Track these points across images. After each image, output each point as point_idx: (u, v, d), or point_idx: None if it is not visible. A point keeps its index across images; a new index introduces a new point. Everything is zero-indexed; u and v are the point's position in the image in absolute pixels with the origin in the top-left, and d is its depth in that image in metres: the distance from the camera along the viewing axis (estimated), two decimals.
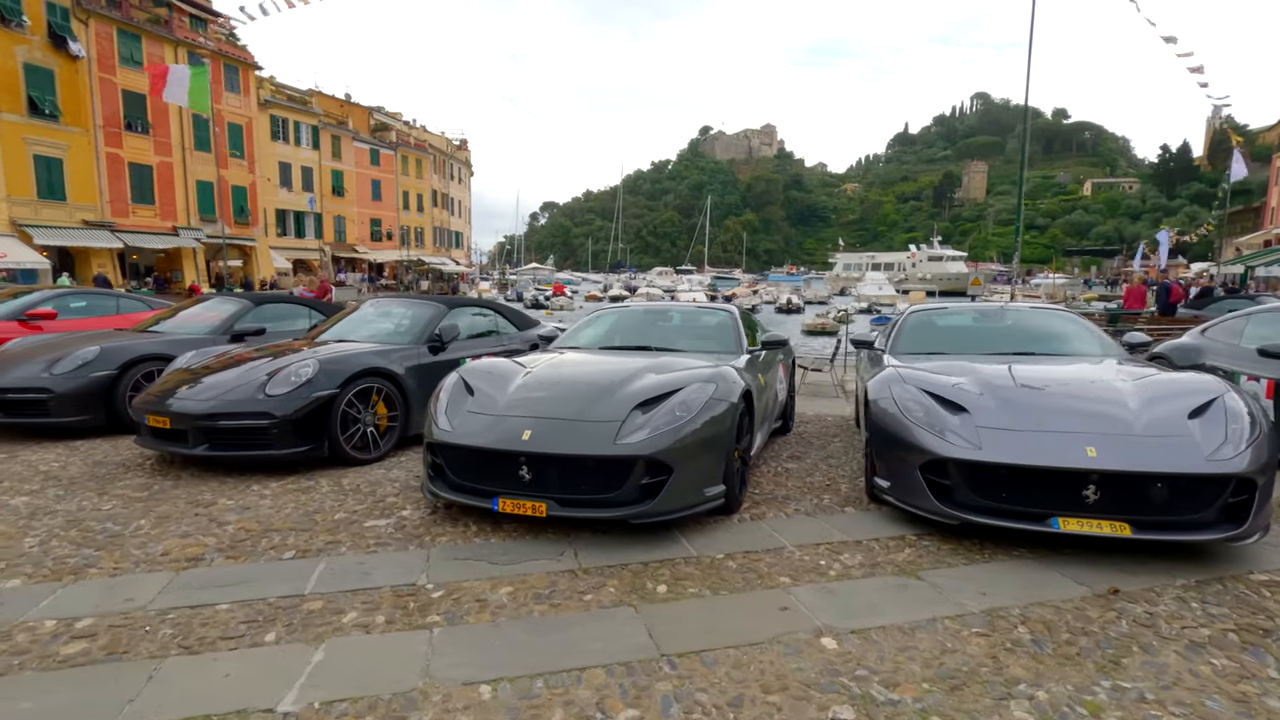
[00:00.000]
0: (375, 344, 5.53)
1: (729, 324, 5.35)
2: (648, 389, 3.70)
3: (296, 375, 4.68)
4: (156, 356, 6.02)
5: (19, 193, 25.78)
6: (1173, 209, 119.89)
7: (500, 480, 3.49)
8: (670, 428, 3.40)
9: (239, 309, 6.99)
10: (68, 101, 27.40)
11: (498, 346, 6.41)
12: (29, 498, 4.12)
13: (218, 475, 4.60)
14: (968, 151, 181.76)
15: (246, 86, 36.69)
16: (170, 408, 4.56)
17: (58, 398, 5.50)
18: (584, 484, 3.40)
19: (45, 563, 3.15)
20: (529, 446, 3.39)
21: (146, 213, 30.95)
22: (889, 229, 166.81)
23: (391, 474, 4.74)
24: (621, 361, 4.32)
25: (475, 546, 3.39)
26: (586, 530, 3.57)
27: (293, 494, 4.23)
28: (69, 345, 5.97)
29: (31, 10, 26.05)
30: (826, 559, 3.27)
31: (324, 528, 3.64)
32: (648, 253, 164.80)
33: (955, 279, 61.69)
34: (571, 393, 3.75)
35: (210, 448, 4.51)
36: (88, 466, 4.84)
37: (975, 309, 5.65)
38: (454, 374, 4.18)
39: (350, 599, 2.81)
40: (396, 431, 5.23)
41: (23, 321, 7.40)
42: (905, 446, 3.62)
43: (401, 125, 57.77)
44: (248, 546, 3.37)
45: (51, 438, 5.68)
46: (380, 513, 3.89)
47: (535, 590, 2.91)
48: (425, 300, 6.44)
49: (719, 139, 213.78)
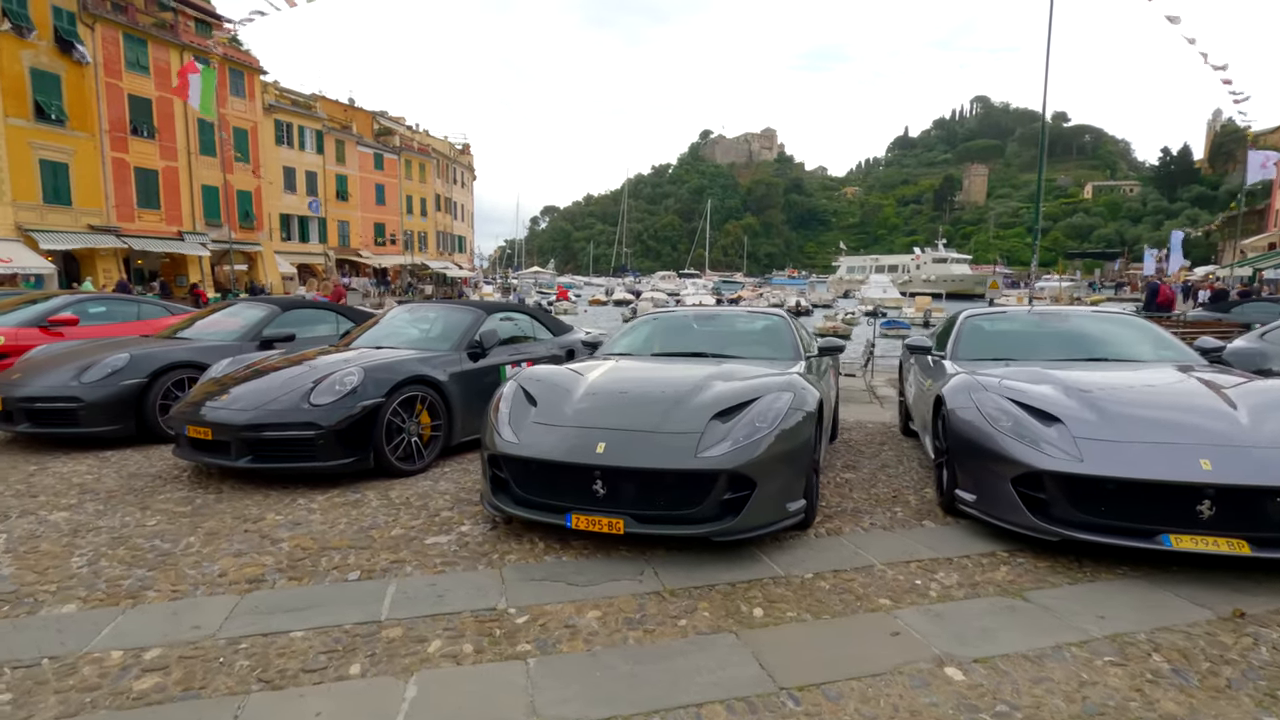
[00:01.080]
0: (415, 351, 5.37)
1: (783, 329, 5.18)
2: (722, 398, 3.53)
3: (341, 384, 4.51)
4: (187, 364, 5.85)
5: (25, 197, 25.63)
6: (1174, 212, 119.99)
7: (572, 495, 3.32)
8: (752, 440, 3.23)
9: (266, 314, 6.83)
10: (74, 106, 27.26)
11: (534, 353, 6.24)
12: (68, 513, 3.94)
13: (260, 488, 4.43)
14: (968, 155, 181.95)
15: (252, 91, 36.61)
16: (212, 418, 4.38)
17: (88, 407, 5.33)
18: (662, 499, 3.23)
19: (98, 585, 2.97)
20: (604, 460, 3.22)
21: (152, 217, 30.81)
22: (889, 232, 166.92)
23: (439, 486, 4.56)
24: (685, 369, 4.15)
25: (548, 565, 3.21)
26: (660, 547, 3.40)
27: (342, 508, 4.05)
28: (97, 352, 5.80)
29: (38, 15, 25.94)
30: (922, 578, 3.10)
31: (384, 545, 3.46)
32: (648, 256, 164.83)
33: (960, 281, 61.63)
34: (642, 402, 3.58)
35: (254, 460, 4.33)
36: (123, 479, 4.67)
37: (1037, 312, 5.48)
38: (512, 382, 4.01)
39: (430, 625, 2.63)
40: (440, 441, 5.06)
41: (44, 328, 7.23)
42: (994, 458, 3.45)
43: (405, 130, 57.73)
44: (308, 566, 3.20)
45: (80, 448, 5.51)
46: (439, 528, 3.71)
47: (624, 614, 2.74)
48: (462, 305, 6.27)
49: (719, 143, 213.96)
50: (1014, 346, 4.90)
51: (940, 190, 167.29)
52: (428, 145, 58.23)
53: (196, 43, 32.77)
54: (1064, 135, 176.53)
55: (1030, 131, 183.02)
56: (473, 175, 68.66)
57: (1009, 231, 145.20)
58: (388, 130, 54.47)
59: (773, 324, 5.28)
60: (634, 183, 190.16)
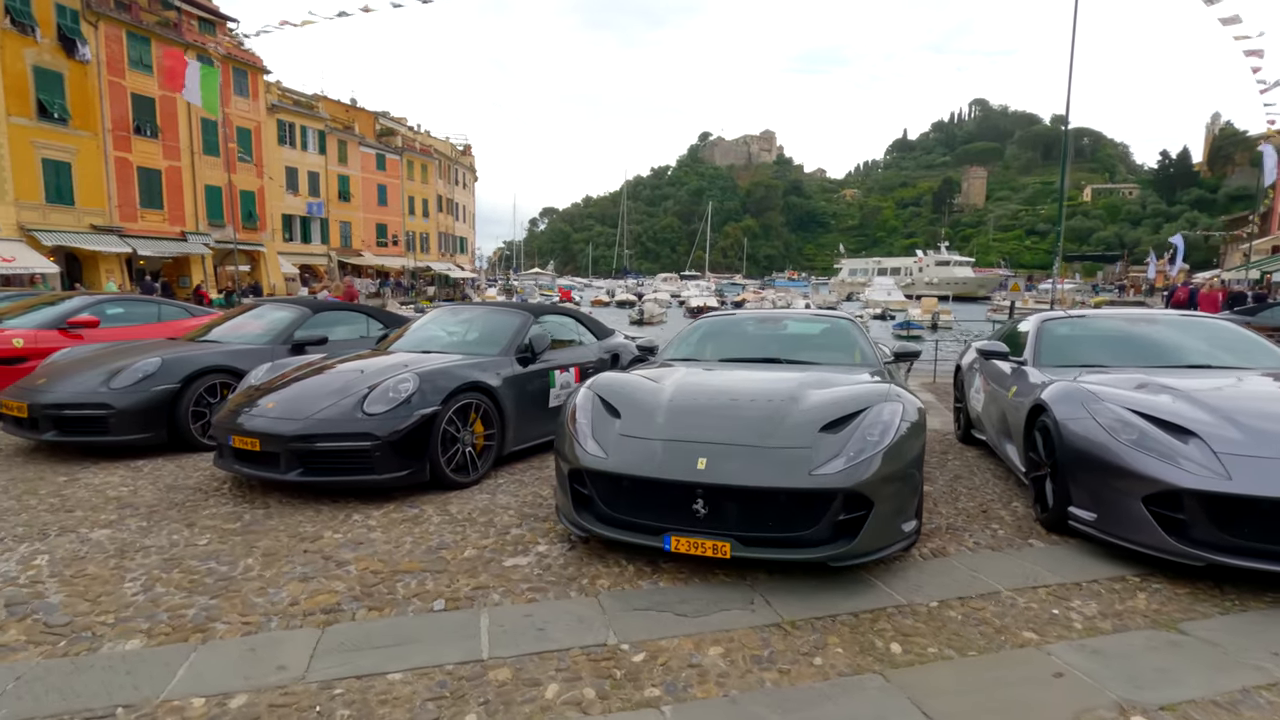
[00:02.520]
0: (463, 356, 5.09)
1: (854, 332, 4.93)
2: (825, 409, 3.27)
3: (396, 391, 4.24)
4: (220, 368, 5.57)
5: (27, 197, 25.29)
6: (1173, 215, 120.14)
7: (669, 514, 3.05)
8: (868, 455, 2.97)
9: (297, 316, 6.55)
10: (77, 105, 26.93)
11: (581, 357, 5.97)
12: (110, 530, 3.66)
13: (309, 502, 4.15)
14: (967, 157, 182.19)
15: (255, 91, 36.30)
16: (259, 428, 4.11)
17: (118, 414, 5.05)
18: (770, 520, 2.97)
19: (159, 616, 2.70)
20: (706, 477, 2.96)
21: (155, 217, 30.47)
22: (889, 234, 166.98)
23: (499, 500, 4.29)
24: (771, 376, 3.90)
25: (647, 593, 2.95)
26: (760, 571, 3.13)
27: (402, 525, 3.79)
28: (125, 356, 5.52)
29: (41, 13, 25.62)
30: (1058, 607, 2.84)
31: (460, 568, 3.19)
32: (647, 258, 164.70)
33: (963, 284, 61.51)
34: (739, 414, 3.32)
35: (304, 473, 4.06)
36: (161, 491, 4.39)
37: (1123, 316, 5.23)
38: (586, 390, 3.74)
39: (540, 665, 2.37)
40: (493, 451, 4.79)
41: (63, 330, 6.94)
42: (1118, 474, 3.19)
43: (406, 130, 57.44)
44: (384, 593, 2.93)
45: (109, 457, 5.22)
46: (514, 549, 3.45)
47: (750, 650, 2.48)
48: (508, 307, 6.00)
49: (718, 145, 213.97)
50: (1102, 352, 4.65)
51: (939, 193, 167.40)
52: (430, 146, 57.94)
53: (200, 41, 32.45)
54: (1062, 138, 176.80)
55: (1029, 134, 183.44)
56: (474, 176, 68.38)
57: (1008, 234, 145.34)
58: (390, 131, 54.16)
59: (840, 327, 5.03)
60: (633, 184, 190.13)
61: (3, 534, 3.58)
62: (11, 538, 3.53)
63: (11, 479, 4.65)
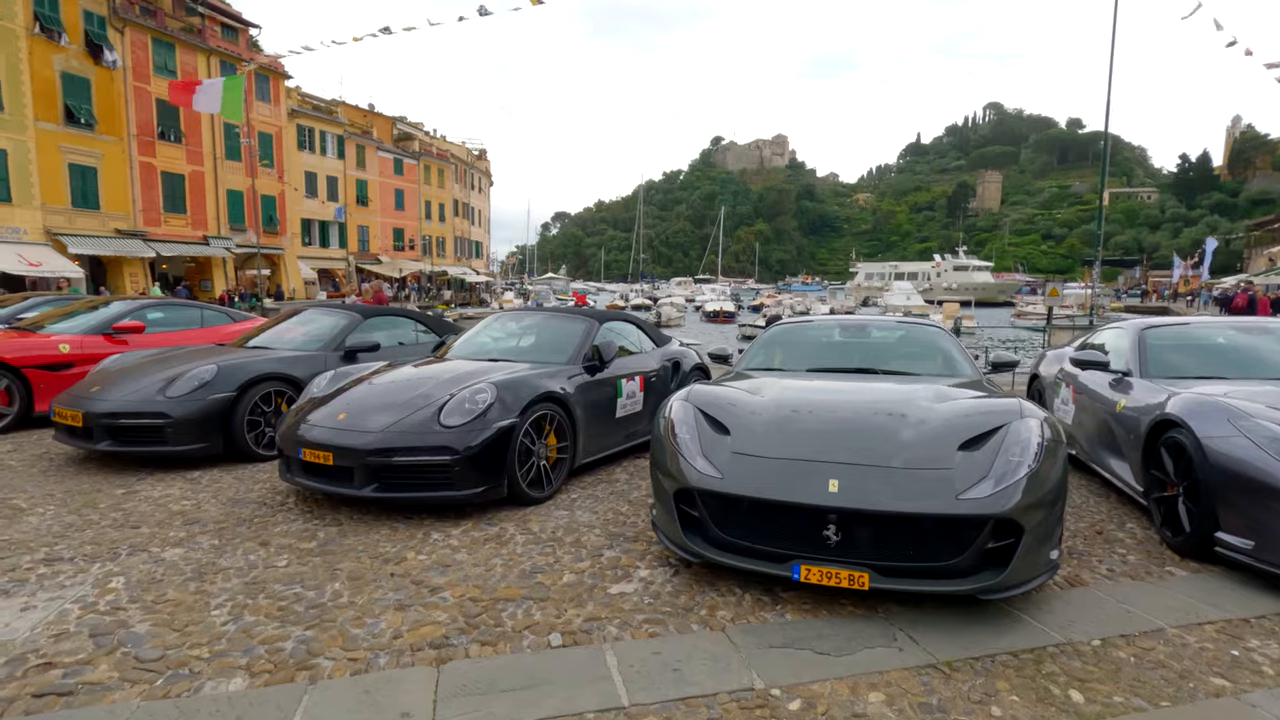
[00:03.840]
0: (532, 364, 4.88)
1: (944, 340, 4.68)
2: (956, 425, 3.02)
3: (473, 402, 4.03)
4: (274, 376, 5.39)
5: (54, 201, 25.47)
6: (1193, 219, 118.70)
7: (795, 541, 2.81)
8: (1017, 478, 2.72)
9: (348, 322, 6.36)
10: (103, 110, 27.14)
11: (644, 366, 5.75)
12: (182, 549, 3.47)
13: (382, 519, 3.95)
14: (981, 161, 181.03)
15: (277, 96, 36.50)
16: (332, 441, 3.90)
17: (175, 423, 4.87)
18: (909, 548, 2.72)
19: (256, 650, 2.49)
20: (839, 501, 2.72)
21: (178, 222, 30.64)
22: (902, 239, 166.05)
23: (579, 517, 4.07)
24: (877, 388, 3.65)
25: (776, 626, 2.71)
26: (889, 602, 2.89)
27: (487, 546, 3.57)
28: (178, 363, 5.35)
29: (69, 19, 25.85)
30: (1235, 648, 2.57)
31: (563, 596, 2.97)
32: (659, 262, 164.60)
33: (982, 289, 60.89)
34: (863, 430, 3.07)
35: (379, 488, 3.85)
36: (225, 506, 4.20)
37: (1226, 324, 4.94)
38: (682, 404, 3.51)
39: (688, 714, 2.13)
40: (566, 465, 4.57)
41: (108, 335, 6.80)
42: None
43: (423, 135, 57.62)
44: (490, 624, 2.71)
45: (164, 468, 5.04)
46: (614, 574, 3.22)
47: (913, 697, 2.23)
48: (572, 313, 5.79)
49: (730, 149, 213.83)
50: (1213, 363, 4.37)
51: (954, 197, 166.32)
52: (446, 150, 58.11)
53: (224, 47, 32.66)
54: (1080, 142, 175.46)
55: (1044, 138, 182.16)
56: (490, 180, 68.52)
57: (1024, 239, 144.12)
58: (407, 135, 54.35)
59: (929, 335, 4.77)
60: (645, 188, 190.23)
61: (72, 553, 3.39)
62: (81, 557, 3.34)
63: (68, 491, 4.48)
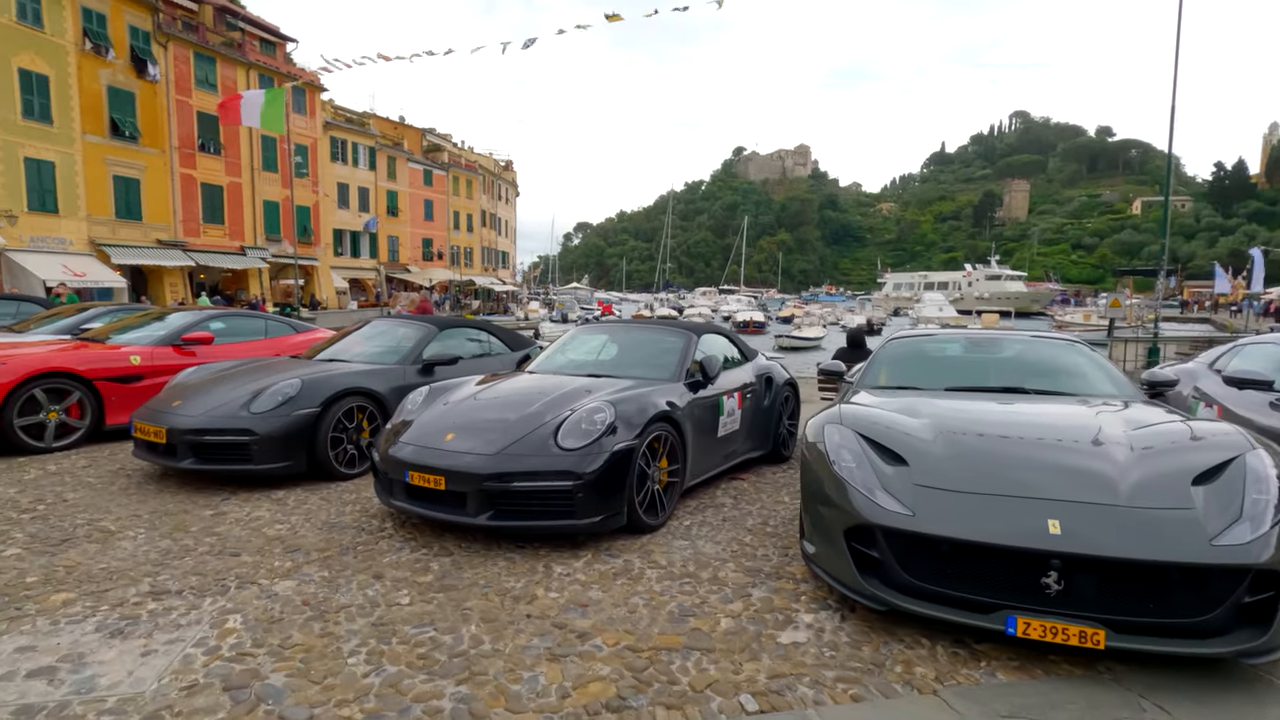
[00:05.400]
0: (634, 381, 4.57)
1: (1091, 356, 4.31)
2: (1181, 457, 2.66)
3: (590, 423, 3.73)
4: (357, 390, 5.15)
5: (99, 212, 25.89)
6: (1229, 228, 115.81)
7: (1005, 589, 2.46)
8: (1272, 521, 2.35)
9: (424, 334, 6.12)
10: (146, 123, 27.59)
11: (741, 381, 5.41)
12: (293, 582, 3.20)
13: (494, 548, 3.66)
14: (1008, 170, 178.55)
15: (313, 108, 36.98)
16: (445, 464, 3.62)
17: (260, 440, 4.64)
18: (1150, 601, 2.35)
19: (411, 710, 2.20)
20: (1064, 545, 2.36)
21: (216, 232, 31.02)
22: (927, 249, 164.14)
23: (700, 547, 3.75)
24: (1053, 411, 3.30)
25: (993, 690, 2.35)
26: (1112, 659, 2.52)
27: (618, 582, 3.26)
28: (258, 377, 5.14)
29: (116, 34, 26.36)
30: None
31: (730, 646, 2.64)
32: (681, 272, 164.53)
33: (1016, 299, 59.73)
34: (1071, 462, 2.72)
35: (495, 516, 3.56)
36: (321, 531, 3.94)
37: None
38: (838, 428, 3.18)
39: None
40: (677, 489, 4.25)
41: (178, 347, 6.64)
42: None
43: (452, 147, 58.11)
44: (663, 680, 2.39)
45: (246, 487, 4.81)
46: (775, 619, 2.88)
47: None
48: (669, 325, 5.49)
49: (752, 159, 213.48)
50: None
51: (979, 206, 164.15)
52: (474, 162, 58.52)
53: (263, 61, 33.16)
54: (1109, 150, 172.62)
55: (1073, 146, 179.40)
56: (516, 191, 68.89)
57: (1053, 248, 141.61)
58: (436, 147, 54.82)
59: (1072, 349, 4.40)
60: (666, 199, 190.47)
61: (178, 585, 3.14)
62: (189, 590, 3.09)
63: (154, 512, 4.26)
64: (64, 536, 3.76)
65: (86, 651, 2.52)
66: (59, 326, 8.01)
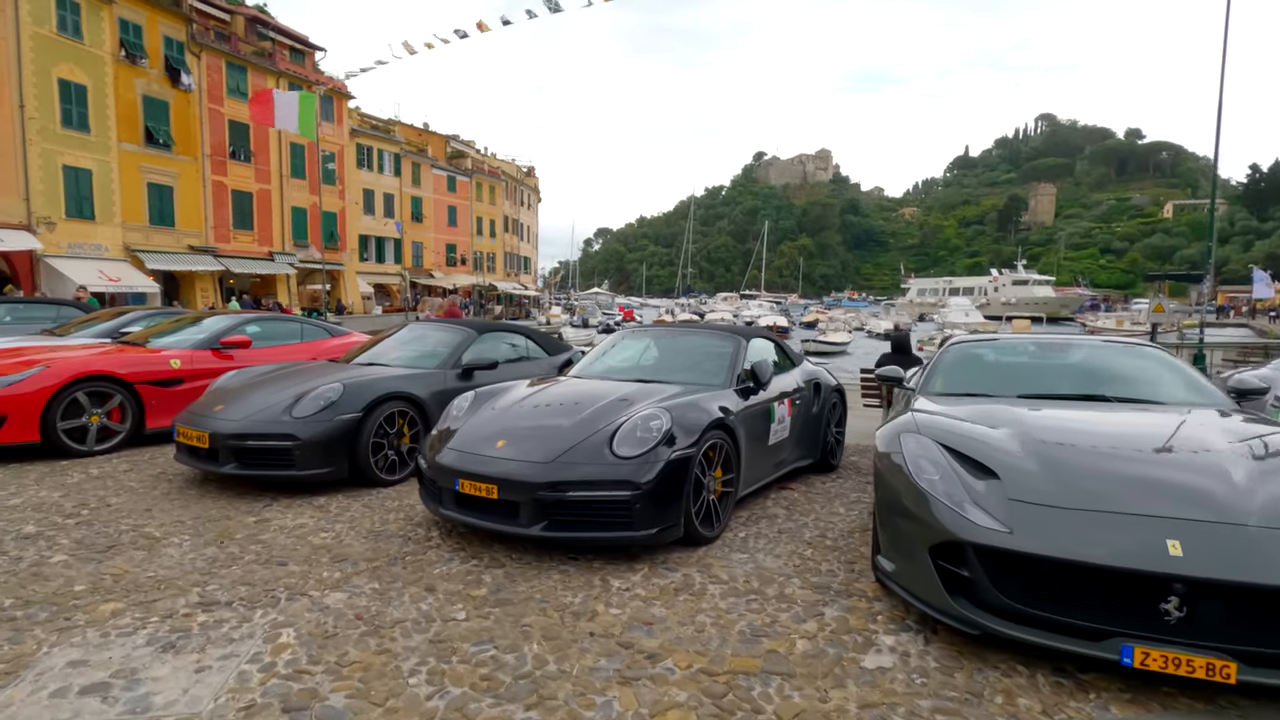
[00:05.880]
0: (683, 386, 4.42)
1: (1171, 360, 4.07)
2: None
3: (646, 430, 3.58)
4: (398, 395, 5.06)
5: (133, 219, 26.39)
6: (1265, 231, 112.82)
7: (1117, 614, 2.26)
8: None
9: (462, 338, 6.03)
10: (179, 131, 28.12)
11: (790, 387, 5.23)
12: (343, 594, 3.09)
13: (545, 559, 3.52)
14: (1033, 174, 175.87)
15: (340, 115, 37.48)
16: (498, 473, 3.49)
17: (303, 446, 4.56)
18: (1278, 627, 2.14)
19: None
20: (1188, 567, 2.17)
21: (246, 238, 31.48)
22: (950, 254, 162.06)
23: (760, 560, 3.58)
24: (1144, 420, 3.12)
25: None
26: (1230, 692, 2.31)
27: (680, 598, 3.10)
28: (299, 381, 5.07)
29: (151, 44, 26.90)
30: None
31: (812, 671, 2.47)
32: (701, 278, 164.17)
33: (1044, 304, 58.64)
34: (1175, 476, 2.51)
35: (549, 527, 3.42)
36: (366, 540, 3.83)
37: None
38: (915, 438, 2.99)
39: None
40: (731, 499, 4.10)
41: (216, 350, 6.62)
42: None
43: (475, 153, 58.57)
44: (747, 709, 2.22)
45: (287, 492, 4.72)
46: (854, 641, 2.70)
47: None
48: (716, 330, 5.34)
49: (773, 164, 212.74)
50: None
51: (1004, 210, 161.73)
52: (497, 168, 58.94)
53: (292, 70, 33.67)
54: (1139, 152, 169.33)
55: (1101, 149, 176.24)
56: (538, 197, 69.26)
57: (1080, 253, 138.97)
58: (460, 153, 55.29)
59: (1152, 354, 4.16)
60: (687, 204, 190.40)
61: (227, 595, 3.04)
62: (239, 601, 2.99)
63: (197, 518, 4.19)
64: (110, 543, 3.70)
65: (139, 667, 2.42)
66: (99, 330, 8.06)
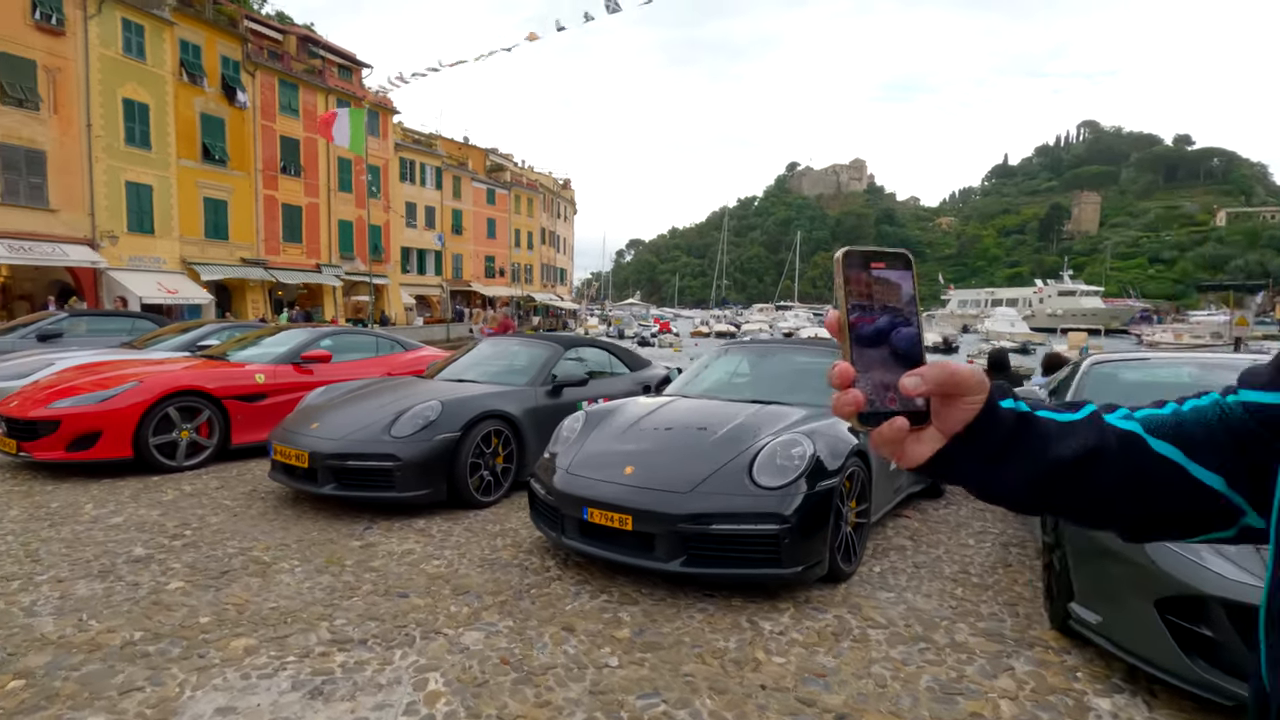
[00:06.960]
0: (806, 408, 4.14)
1: None
2: None
3: (786, 457, 3.33)
4: (494, 414, 4.89)
5: (190, 233, 27.11)
6: None
7: None
8: None
9: (550, 354, 5.85)
10: (234, 147, 28.87)
11: None
12: (480, 633, 2.88)
13: (679, 595, 3.28)
14: (1076, 182, 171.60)
15: (385, 130, 38.20)
16: (629, 502, 3.27)
17: (404, 466, 4.40)
18: None
19: None
20: None
21: (295, 251, 32.13)
22: (989, 264, 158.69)
23: (912, 601, 3.28)
24: None
25: None
26: None
27: (844, 644, 2.83)
28: (389, 397, 4.93)
29: (209, 64, 27.74)
30: None
31: None
32: (734, 288, 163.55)
33: (1092, 316, 56.75)
34: None
35: (688, 561, 3.18)
36: (481, 569, 3.64)
37: None
38: None
39: None
40: (866, 530, 3.80)
41: (297, 365, 6.56)
42: None
43: (513, 166, 59.25)
44: None
45: (384, 514, 4.57)
46: (1061, 703, 2.40)
47: None
48: (818, 346, 5.06)
49: (806, 175, 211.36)
50: None
51: (1046, 219, 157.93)
52: (535, 181, 59.50)
53: (340, 87, 34.44)
54: (1188, 159, 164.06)
55: (1148, 156, 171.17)
56: (574, 209, 69.72)
57: (1128, 263, 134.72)
58: (499, 167, 55.96)
59: None
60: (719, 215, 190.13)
61: (360, 633, 2.86)
62: (373, 639, 2.80)
63: (299, 541, 4.05)
64: (222, 568, 3.56)
65: (292, 716, 2.24)
66: (175, 343, 8.10)
